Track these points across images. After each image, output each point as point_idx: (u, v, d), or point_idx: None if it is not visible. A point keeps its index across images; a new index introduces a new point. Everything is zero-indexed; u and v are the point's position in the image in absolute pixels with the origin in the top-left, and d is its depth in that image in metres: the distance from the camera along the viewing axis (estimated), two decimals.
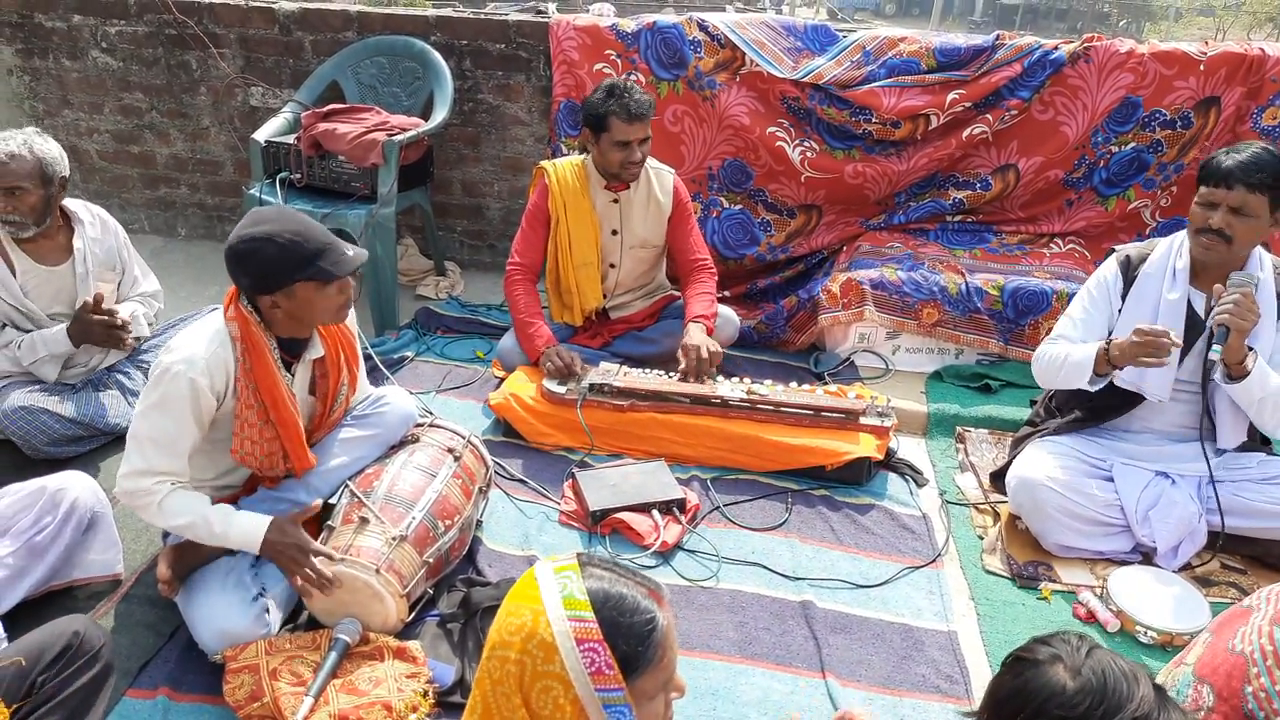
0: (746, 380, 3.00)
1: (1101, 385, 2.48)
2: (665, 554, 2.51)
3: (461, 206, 4.30)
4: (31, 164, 2.60)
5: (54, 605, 2.21)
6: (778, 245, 3.89)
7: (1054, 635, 1.20)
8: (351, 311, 2.40)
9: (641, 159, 2.99)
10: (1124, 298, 2.52)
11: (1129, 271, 2.53)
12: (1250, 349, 2.32)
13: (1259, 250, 2.41)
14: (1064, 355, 2.51)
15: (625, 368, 3.06)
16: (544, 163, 3.16)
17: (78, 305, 2.73)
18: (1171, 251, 2.48)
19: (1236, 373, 2.32)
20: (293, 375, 2.17)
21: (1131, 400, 2.52)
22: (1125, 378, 2.47)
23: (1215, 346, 2.28)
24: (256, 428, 2.11)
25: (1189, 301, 2.44)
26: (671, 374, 3.00)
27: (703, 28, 3.71)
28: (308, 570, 2.00)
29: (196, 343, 2.03)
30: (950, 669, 2.17)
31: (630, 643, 1.09)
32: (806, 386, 3.01)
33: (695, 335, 3.00)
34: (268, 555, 2.04)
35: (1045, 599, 2.40)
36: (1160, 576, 2.40)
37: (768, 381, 3.01)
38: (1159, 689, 1.12)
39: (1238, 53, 3.47)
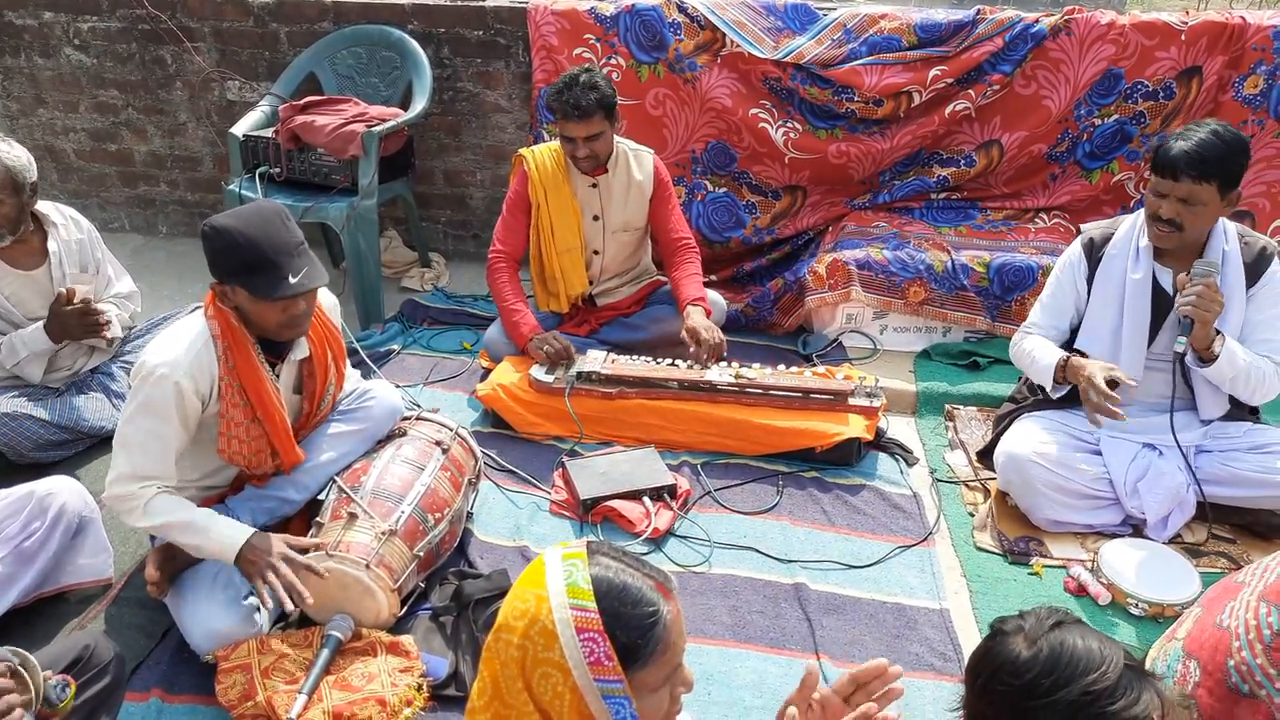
0: (735, 364, 2.99)
1: (1064, 393, 2.52)
2: (657, 540, 2.51)
3: (444, 196, 4.27)
4: (2, 175, 2.55)
5: (44, 612, 2.20)
6: (763, 227, 3.87)
7: (1032, 610, 1.22)
8: (337, 307, 2.38)
9: (588, 155, 2.96)
10: (1090, 281, 2.53)
11: (1093, 254, 2.53)
12: (1218, 332, 2.32)
13: (1222, 222, 2.40)
14: (1032, 356, 2.55)
15: (613, 355, 3.05)
16: (523, 149, 3.14)
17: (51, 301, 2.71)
18: (1135, 230, 2.47)
19: (1206, 357, 2.33)
20: (277, 374, 2.16)
21: (1109, 382, 2.52)
22: (1098, 358, 2.48)
23: (1180, 339, 2.30)
24: (243, 426, 2.10)
25: (1154, 278, 2.44)
26: (677, 361, 2.98)
27: (682, 9, 3.68)
28: (276, 578, 1.94)
29: (179, 345, 2.01)
30: (943, 647, 2.18)
31: (631, 634, 1.08)
32: (795, 369, 3.00)
33: (696, 317, 2.99)
34: (240, 564, 1.99)
35: (1037, 574, 2.41)
36: (1150, 548, 2.41)
37: (756, 365, 3.00)
38: (1135, 668, 1.12)
39: (1218, 22, 3.46)
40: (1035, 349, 2.56)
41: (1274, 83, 3.45)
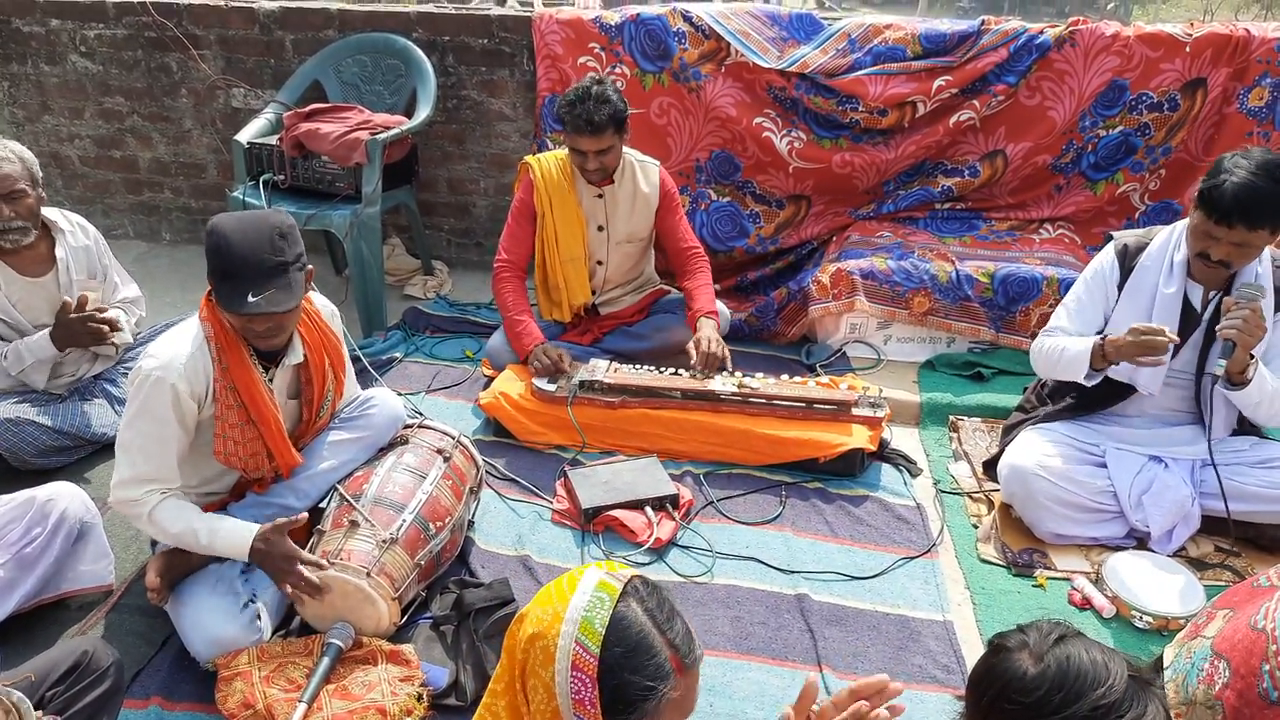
0: (738, 374, 2.99)
1: (1098, 380, 2.47)
2: (659, 550, 2.50)
3: (448, 205, 4.27)
4: (21, 166, 2.60)
5: (46, 619, 2.20)
6: (767, 237, 3.87)
7: (1033, 623, 1.21)
8: (336, 314, 2.38)
9: (598, 169, 2.96)
10: (1120, 289, 2.50)
11: (1126, 261, 2.50)
12: (1252, 356, 2.30)
13: None
14: (1061, 349, 2.50)
15: (616, 364, 3.04)
16: (529, 157, 3.14)
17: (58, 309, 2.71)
18: (1170, 243, 2.44)
19: (1238, 381, 2.31)
20: (271, 378, 2.15)
21: (1123, 391, 2.51)
22: (1118, 372, 2.46)
23: (1220, 361, 2.26)
24: (238, 428, 2.10)
25: (1185, 295, 2.42)
26: (680, 370, 2.98)
27: (687, 19, 3.68)
28: (296, 578, 1.99)
29: (173, 347, 2.02)
30: (947, 659, 2.17)
31: (620, 694, 1.07)
32: (798, 379, 3.00)
33: (706, 329, 3.00)
34: (257, 563, 2.03)
35: (1041, 586, 2.40)
36: (1155, 561, 2.40)
37: (759, 374, 3.00)
38: (1138, 679, 1.11)
39: (1223, 33, 3.46)
40: (1064, 342, 2.50)
41: (1279, 95, 3.45)
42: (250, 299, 1.92)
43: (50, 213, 2.78)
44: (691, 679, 1.12)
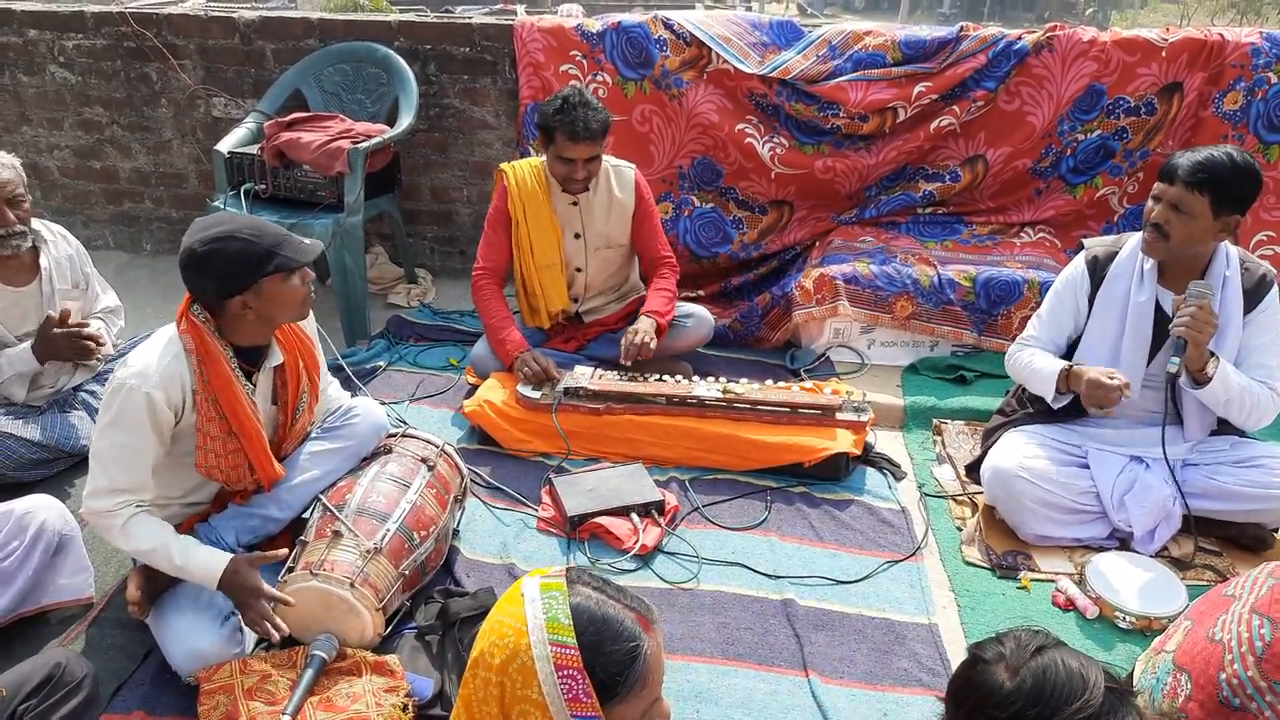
0: (723, 379, 3.00)
1: (1064, 403, 2.53)
2: (645, 557, 2.49)
3: (431, 213, 4.27)
4: (17, 173, 2.63)
5: (24, 633, 2.17)
6: (750, 243, 3.89)
7: (1010, 632, 1.20)
8: (313, 319, 2.37)
9: (585, 178, 2.96)
10: (1091, 300, 2.54)
11: (1097, 272, 2.53)
12: (1212, 354, 2.33)
13: (1224, 246, 2.41)
14: (1032, 367, 2.56)
15: (600, 371, 3.04)
16: (504, 165, 3.14)
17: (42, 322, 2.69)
18: (1138, 251, 2.47)
19: (1199, 379, 2.34)
20: (254, 385, 2.14)
21: None
22: None
23: (1173, 359, 2.31)
24: (220, 440, 2.08)
25: (1157, 301, 2.45)
26: (665, 377, 3.00)
27: (668, 26, 3.70)
28: (254, 614, 1.99)
29: (149, 356, 2.00)
30: (932, 662, 2.17)
31: (610, 670, 1.07)
32: (782, 384, 3.00)
33: (641, 322, 3.04)
34: (226, 592, 2.02)
35: (1025, 588, 2.41)
36: (1137, 562, 2.41)
37: (744, 380, 3.00)
38: (1115, 690, 1.11)
39: (1198, 38, 3.50)
40: (1035, 359, 2.56)
41: (1253, 99, 3.50)
42: (305, 242, 2.09)
43: (34, 222, 2.76)
44: (658, 636, 1.13)
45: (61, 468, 2.76)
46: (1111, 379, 2.35)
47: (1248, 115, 3.52)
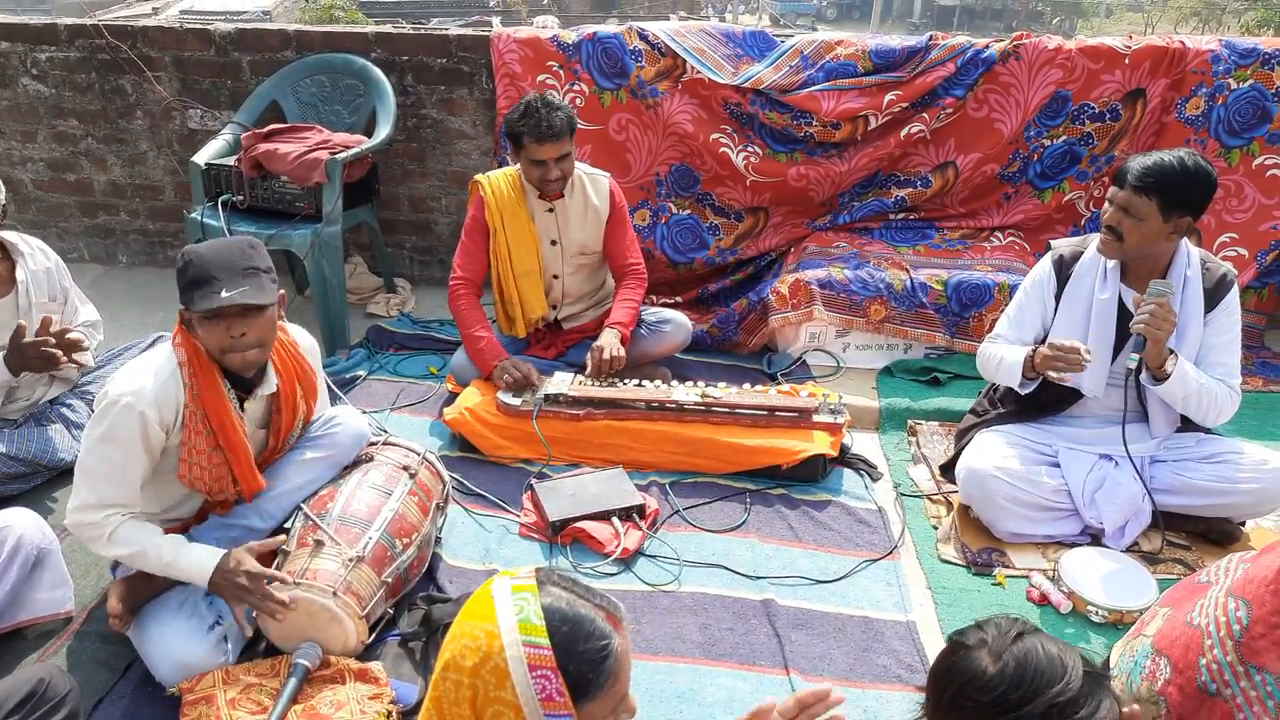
0: (701, 384, 3.03)
1: (1032, 388, 2.57)
2: (626, 560, 2.52)
3: (409, 223, 4.28)
4: (2, 187, 2.63)
5: (3, 649, 2.15)
6: (727, 248, 3.93)
7: (991, 619, 1.24)
8: (316, 350, 2.38)
9: (559, 177, 2.99)
10: (1058, 297, 2.59)
11: (1063, 271, 2.59)
12: (1171, 352, 2.39)
13: (1185, 245, 2.47)
14: (999, 358, 2.60)
15: (580, 377, 3.06)
16: (479, 175, 3.16)
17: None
18: None
19: (1158, 375, 2.40)
20: (244, 410, 2.15)
21: (1069, 395, 2.59)
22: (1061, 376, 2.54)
23: (1132, 355, 2.37)
24: (205, 453, 2.08)
25: (1120, 299, 2.51)
26: (644, 382, 3.03)
27: (643, 37, 3.74)
28: (257, 599, 1.98)
29: (145, 375, 2.00)
30: (910, 658, 2.21)
31: (582, 669, 1.09)
32: (760, 388, 3.04)
33: (605, 337, 3.06)
34: (216, 589, 2.02)
35: (1000, 584, 2.46)
36: (1109, 557, 2.46)
37: (722, 384, 3.03)
38: (1092, 674, 1.15)
39: (1160, 46, 3.59)
40: (1002, 351, 2.61)
41: (1213, 104, 3.58)
42: (224, 294, 1.93)
43: (9, 235, 2.74)
44: (626, 634, 1.16)
45: (38, 481, 2.74)
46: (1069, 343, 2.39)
47: (1209, 120, 3.61)
